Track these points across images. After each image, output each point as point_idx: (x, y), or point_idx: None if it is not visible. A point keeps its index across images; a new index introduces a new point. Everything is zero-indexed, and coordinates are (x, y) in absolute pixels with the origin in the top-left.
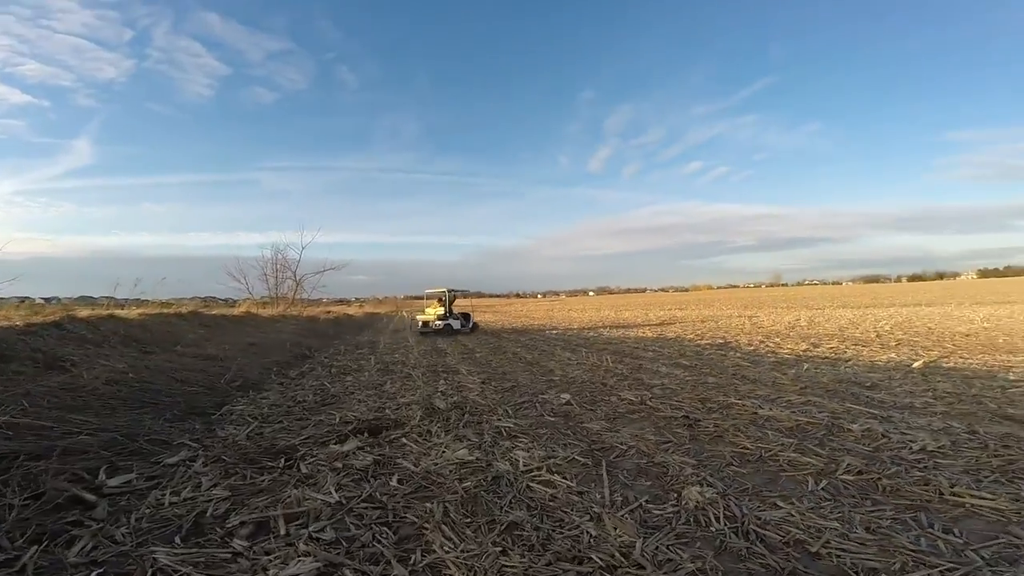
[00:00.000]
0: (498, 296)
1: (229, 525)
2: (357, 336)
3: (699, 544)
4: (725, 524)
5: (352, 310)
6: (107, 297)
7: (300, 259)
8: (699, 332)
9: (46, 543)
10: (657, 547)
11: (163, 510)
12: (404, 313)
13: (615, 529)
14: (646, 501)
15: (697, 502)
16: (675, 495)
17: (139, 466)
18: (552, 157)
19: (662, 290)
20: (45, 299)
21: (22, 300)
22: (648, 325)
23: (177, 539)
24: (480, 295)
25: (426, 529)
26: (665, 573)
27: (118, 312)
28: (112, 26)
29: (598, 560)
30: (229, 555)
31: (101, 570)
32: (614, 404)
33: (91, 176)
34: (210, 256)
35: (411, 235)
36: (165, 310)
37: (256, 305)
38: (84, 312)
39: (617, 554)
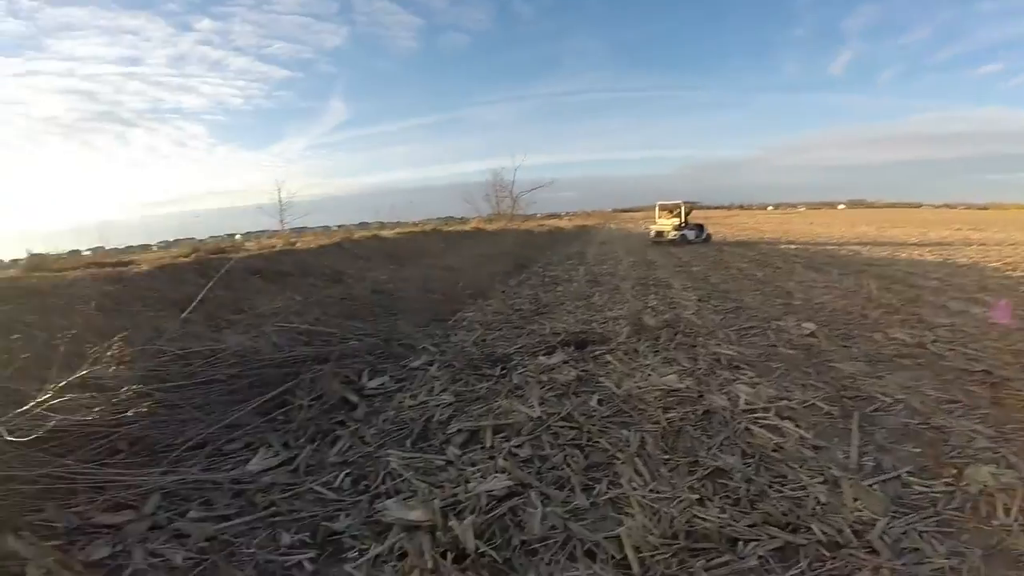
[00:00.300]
0: (717, 208)
1: (449, 432)
2: (567, 248)
3: (966, 537)
4: (1015, 519)
5: (563, 223)
6: (376, 222)
7: (514, 180)
8: (1009, 261)
9: (318, 442)
10: (906, 531)
11: (403, 412)
12: (612, 225)
13: (855, 500)
14: (907, 472)
15: (984, 485)
16: (953, 472)
17: (391, 369)
18: (772, 63)
19: (946, 206)
20: (338, 226)
21: (324, 228)
22: (927, 245)
23: (408, 443)
24: (696, 206)
25: (617, 459)
26: (903, 565)
27: (380, 233)
28: (318, 0)
29: (819, 532)
30: (443, 463)
31: (349, 470)
32: (878, 343)
33: (350, 129)
34: (445, 185)
35: (612, 152)
36: (413, 229)
37: (483, 221)
38: (357, 235)
39: (847, 530)
